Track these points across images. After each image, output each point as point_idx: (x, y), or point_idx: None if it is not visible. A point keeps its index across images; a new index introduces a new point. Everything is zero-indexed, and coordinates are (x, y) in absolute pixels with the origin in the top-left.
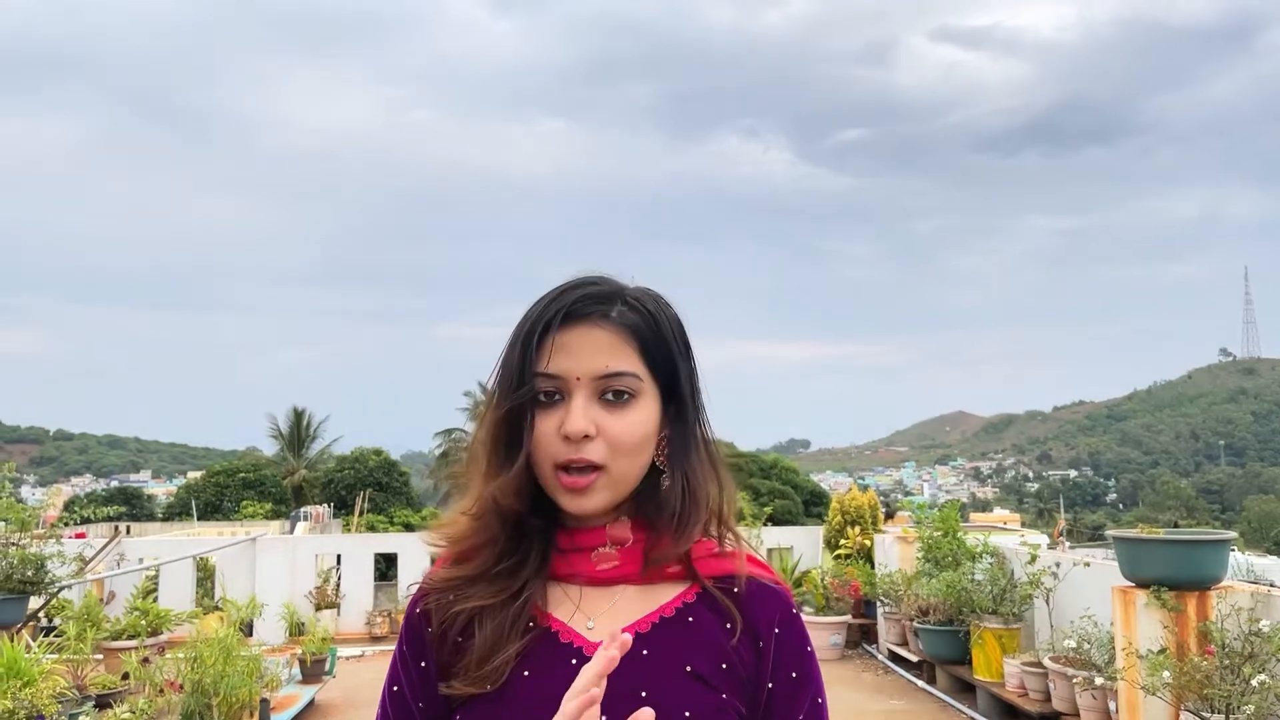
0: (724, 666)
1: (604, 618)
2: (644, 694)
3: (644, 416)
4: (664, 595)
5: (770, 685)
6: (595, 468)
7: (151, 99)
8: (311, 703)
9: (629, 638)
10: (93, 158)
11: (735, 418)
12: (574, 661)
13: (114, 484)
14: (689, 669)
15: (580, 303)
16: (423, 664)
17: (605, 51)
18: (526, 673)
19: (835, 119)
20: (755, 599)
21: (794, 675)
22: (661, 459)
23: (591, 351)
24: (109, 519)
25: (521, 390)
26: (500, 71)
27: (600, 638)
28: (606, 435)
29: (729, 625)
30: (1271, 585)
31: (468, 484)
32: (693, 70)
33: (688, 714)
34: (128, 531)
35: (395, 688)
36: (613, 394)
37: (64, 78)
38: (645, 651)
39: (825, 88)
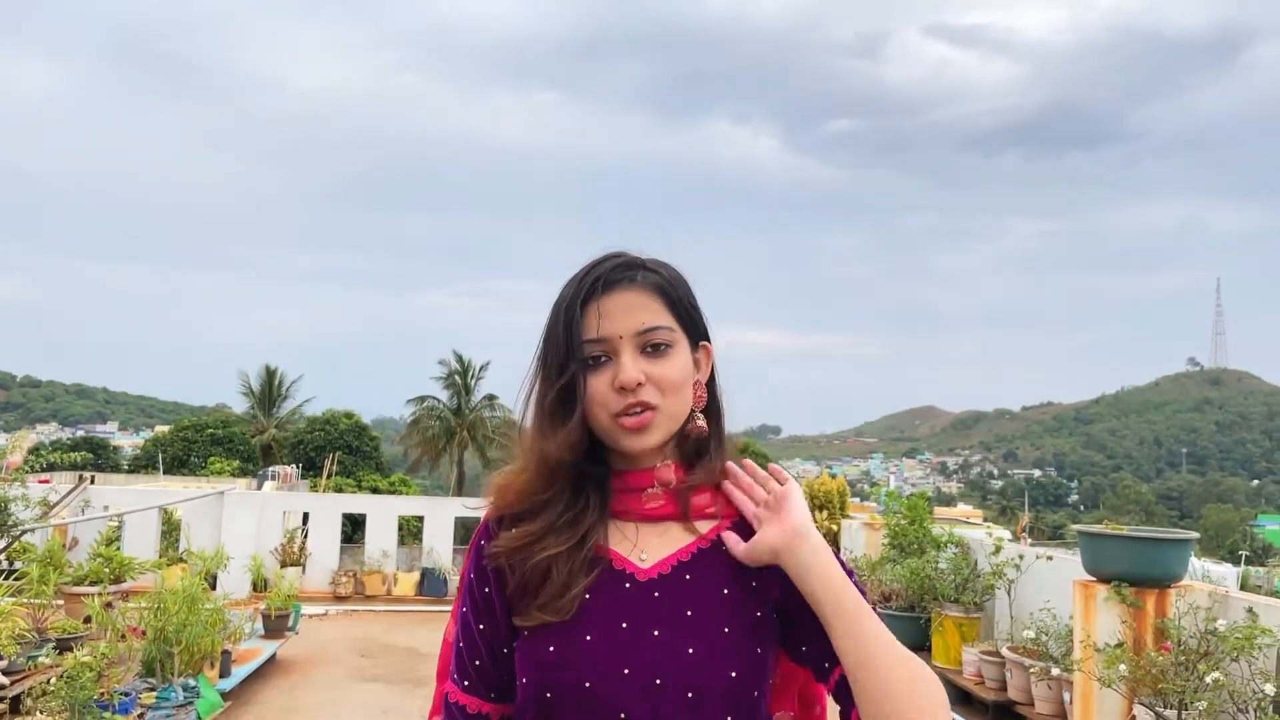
0: (754, 584)
1: (654, 549)
2: (689, 613)
3: (681, 361)
4: (702, 528)
5: (792, 584)
6: (650, 408)
7: (137, 47)
8: (273, 657)
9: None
10: (76, 105)
11: None
12: (628, 586)
13: (80, 433)
14: (726, 590)
15: (612, 272)
16: (493, 602)
17: (602, 27)
18: (588, 596)
19: (825, 109)
20: None
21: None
22: (699, 402)
23: (629, 311)
24: (74, 467)
25: (575, 358)
26: (495, 41)
27: (648, 566)
28: (654, 380)
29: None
30: (1229, 588)
31: (522, 450)
32: (688, 51)
33: (727, 630)
34: (92, 480)
35: (477, 624)
36: (651, 346)
37: (46, 17)
38: (688, 576)
39: (817, 77)
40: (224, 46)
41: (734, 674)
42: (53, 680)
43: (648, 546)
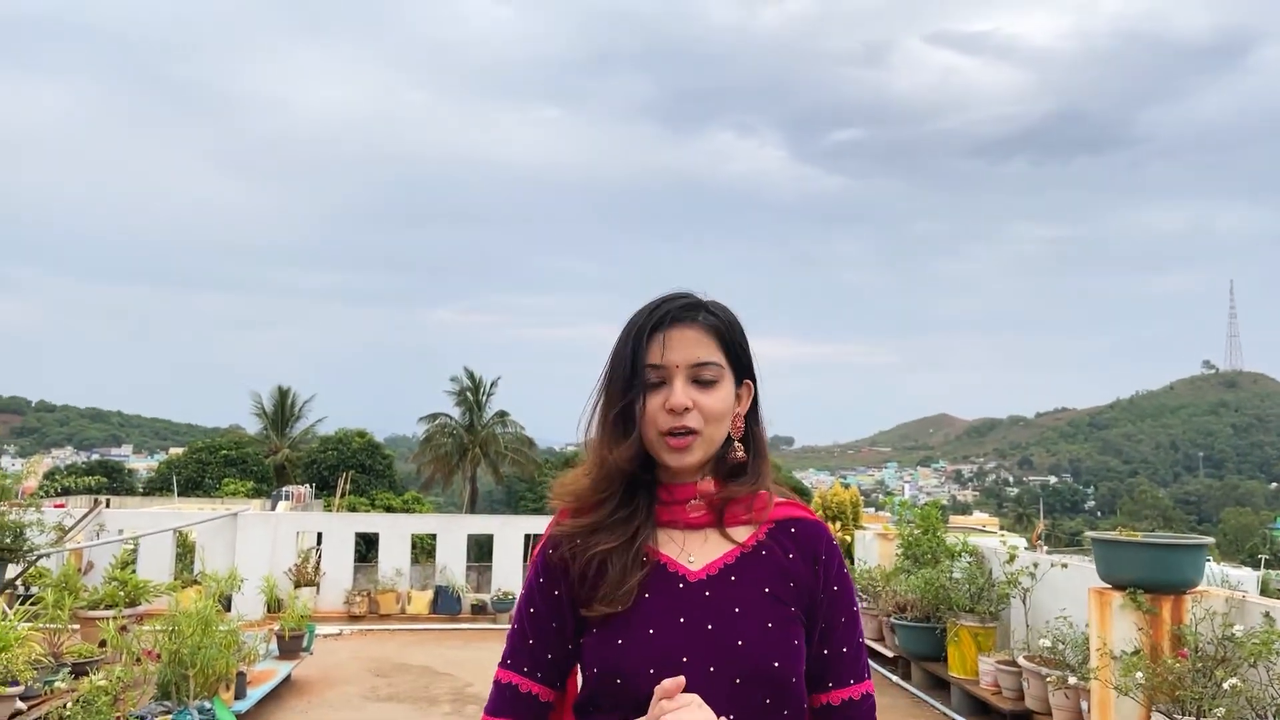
0: (791, 585)
1: (700, 553)
2: (737, 610)
3: (725, 394)
4: (741, 535)
5: (821, 595)
6: (692, 432)
7: (146, 73)
8: (288, 678)
9: (683, 680)
10: (83, 129)
11: None
12: (680, 585)
13: (95, 457)
14: (767, 590)
15: (677, 311)
16: (556, 593)
17: (604, 43)
18: (648, 595)
19: (830, 118)
20: (808, 532)
21: (836, 589)
22: (736, 431)
23: (687, 346)
24: (90, 490)
25: (637, 380)
26: (498, 58)
27: (698, 568)
28: (700, 408)
29: (791, 555)
30: (1245, 592)
31: (589, 454)
32: (690, 65)
33: (770, 625)
34: (107, 504)
35: (531, 609)
36: (701, 379)
37: (58, 46)
38: (733, 578)
39: (821, 87)
40: (230, 69)
41: (776, 664)
42: (69, 705)
43: (694, 551)
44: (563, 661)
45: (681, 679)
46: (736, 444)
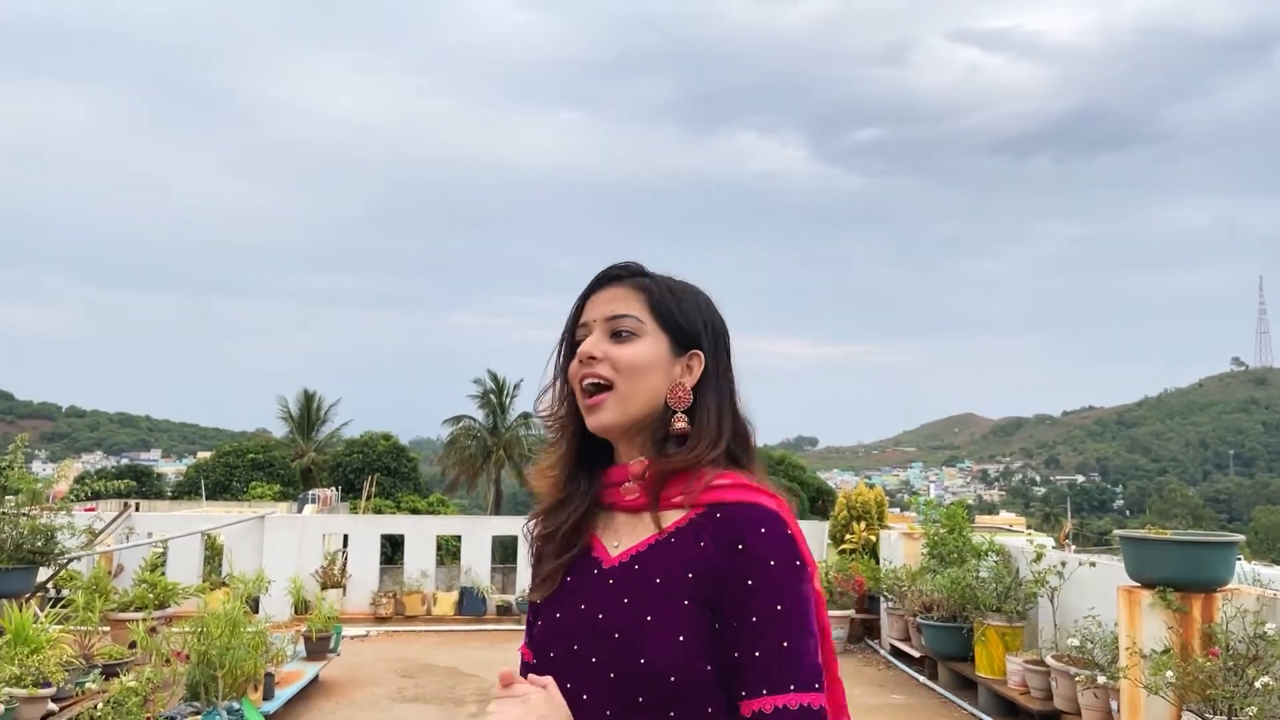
0: (689, 576)
1: (626, 539)
2: (626, 600)
3: (642, 350)
4: (668, 520)
5: (731, 590)
6: (603, 388)
7: (170, 80)
8: (316, 679)
9: (510, 673)
10: (109, 136)
11: None
12: (595, 572)
13: (124, 461)
14: (659, 581)
15: (612, 273)
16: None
17: (624, 45)
18: (569, 579)
19: (851, 118)
20: (733, 519)
21: (750, 583)
22: (678, 401)
23: (607, 301)
24: (119, 494)
25: (567, 338)
26: (518, 62)
27: (615, 555)
28: (611, 359)
29: (703, 543)
30: (1277, 590)
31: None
32: (710, 66)
33: (649, 618)
34: (137, 508)
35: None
36: (616, 332)
37: (82, 55)
38: (638, 567)
39: (842, 86)
40: (251, 77)
41: (642, 660)
42: (100, 705)
43: (622, 536)
44: None
45: (509, 672)
46: (678, 415)
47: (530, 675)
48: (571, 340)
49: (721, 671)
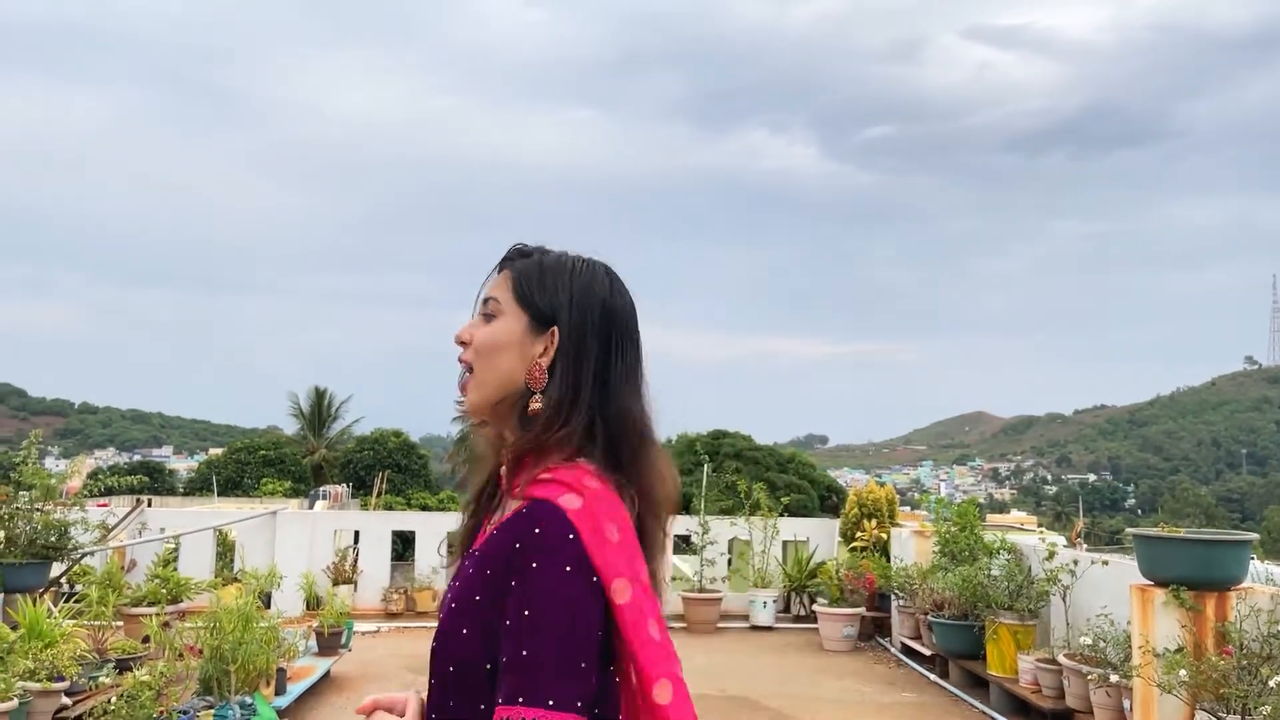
0: (487, 572)
1: (491, 528)
2: (451, 588)
3: (496, 329)
4: (511, 509)
5: (504, 591)
6: (469, 370)
7: (182, 80)
8: (327, 674)
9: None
10: (122, 135)
11: (755, 411)
12: (465, 561)
13: (136, 458)
14: (471, 572)
15: (505, 256)
16: None
17: (634, 43)
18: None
19: (862, 115)
20: (524, 514)
21: (512, 583)
22: (534, 382)
23: (486, 287)
24: (132, 490)
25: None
26: (529, 60)
27: (478, 543)
28: (472, 341)
29: (500, 535)
30: None
31: None
32: (721, 64)
33: (454, 604)
34: (149, 504)
35: None
36: (486, 315)
37: (96, 55)
38: (475, 555)
39: (853, 84)
40: (263, 75)
41: (435, 646)
42: (113, 700)
43: (493, 524)
44: None
45: (370, 701)
46: (536, 396)
47: (389, 695)
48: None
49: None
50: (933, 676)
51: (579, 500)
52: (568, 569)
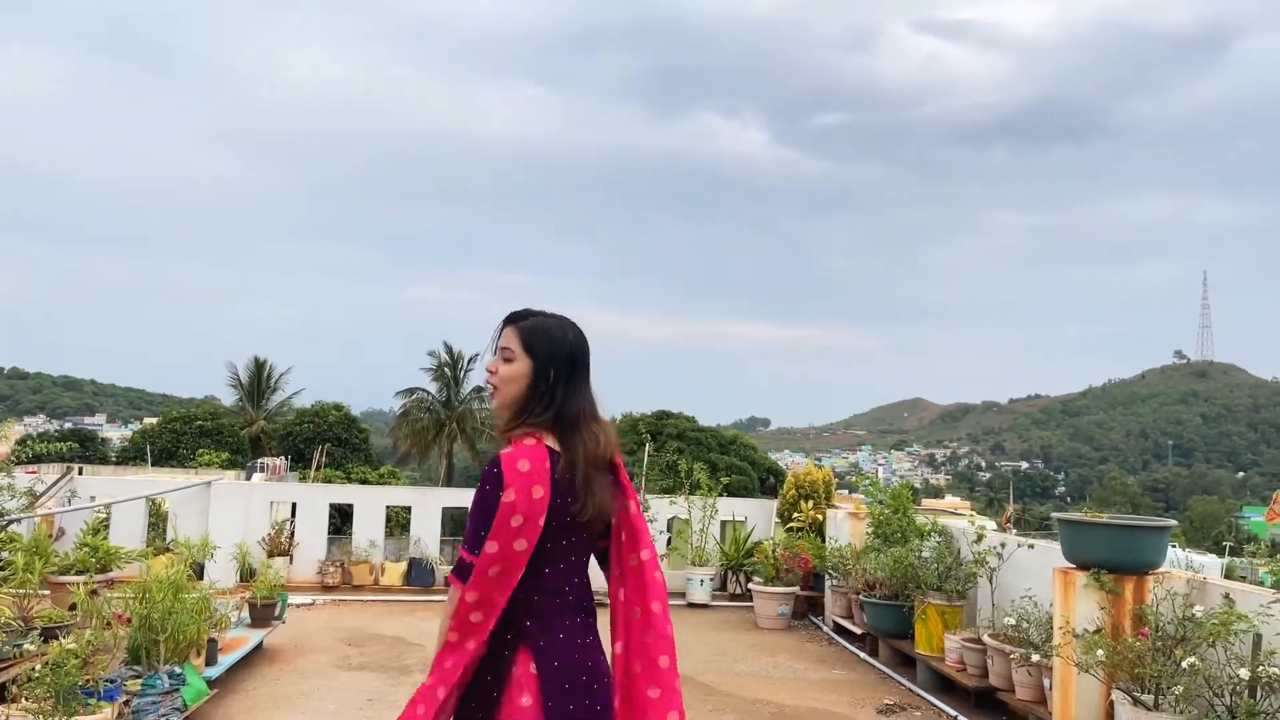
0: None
1: None
2: None
3: (513, 369)
4: None
5: None
6: (494, 389)
7: (126, 39)
8: (260, 646)
9: None
10: (60, 95)
11: (698, 394)
12: None
13: (68, 425)
14: None
15: (508, 318)
16: None
17: (590, 21)
18: None
19: (815, 102)
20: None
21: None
22: (523, 399)
23: (504, 338)
24: (61, 458)
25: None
26: (483, 35)
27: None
28: (499, 374)
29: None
30: (1206, 574)
31: None
32: (676, 45)
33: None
34: (79, 472)
35: None
36: (503, 358)
37: (36, 11)
38: None
39: (807, 71)
40: (213, 40)
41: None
42: (38, 668)
43: None
44: None
45: None
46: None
47: None
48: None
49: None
50: (863, 655)
51: (514, 449)
52: (486, 487)
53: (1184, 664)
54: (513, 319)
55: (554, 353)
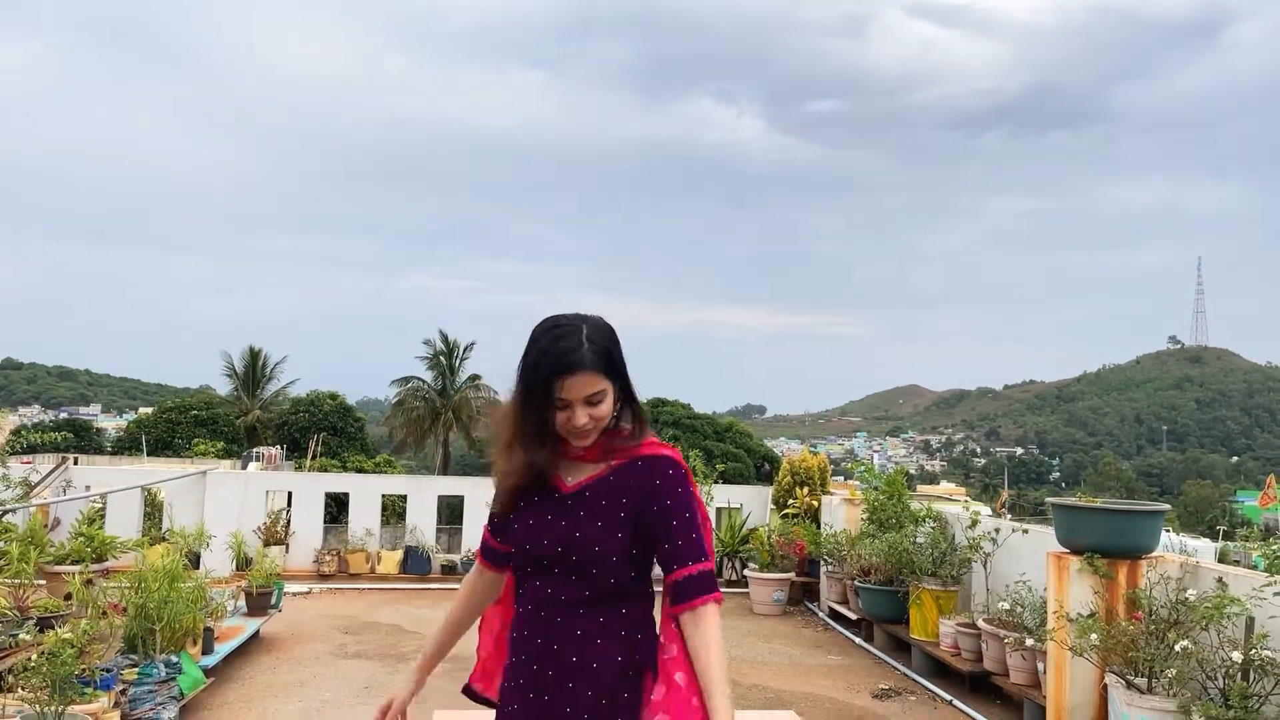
0: (624, 501)
1: (576, 476)
2: (582, 513)
3: (609, 407)
4: (600, 467)
5: (655, 509)
6: (589, 432)
7: (119, 27)
8: (256, 634)
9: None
10: (54, 83)
11: (694, 381)
12: (556, 495)
13: (63, 416)
14: (604, 503)
15: (573, 358)
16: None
17: (586, 7)
18: (536, 498)
19: (809, 89)
20: (650, 462)
21: (668, 503)
22: (615, 413)
23: (584, 386)
24: (56, 448)
25: (548, 406)
26: (477, 22)
27: (570, 484)
28: (592, 416)
29: (632, 481)
30: (1199, 558)
31: (499, 438)
32: (672, 31)
33: (600, 524)
34: (75, 462)
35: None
36: (592, 401)
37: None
38: (588, 494)
39: (802, 57)
40: (207, 27)
41: (599, 563)
42: (34, 657)
43: (574, 474)
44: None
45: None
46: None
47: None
48: (545, 396)
49: (641, 571)
50: (858, 640)
51: (672, 452)
52: (692, 489)
53: (1177, 647)
54: (570, 363)
55: (619, 356)
